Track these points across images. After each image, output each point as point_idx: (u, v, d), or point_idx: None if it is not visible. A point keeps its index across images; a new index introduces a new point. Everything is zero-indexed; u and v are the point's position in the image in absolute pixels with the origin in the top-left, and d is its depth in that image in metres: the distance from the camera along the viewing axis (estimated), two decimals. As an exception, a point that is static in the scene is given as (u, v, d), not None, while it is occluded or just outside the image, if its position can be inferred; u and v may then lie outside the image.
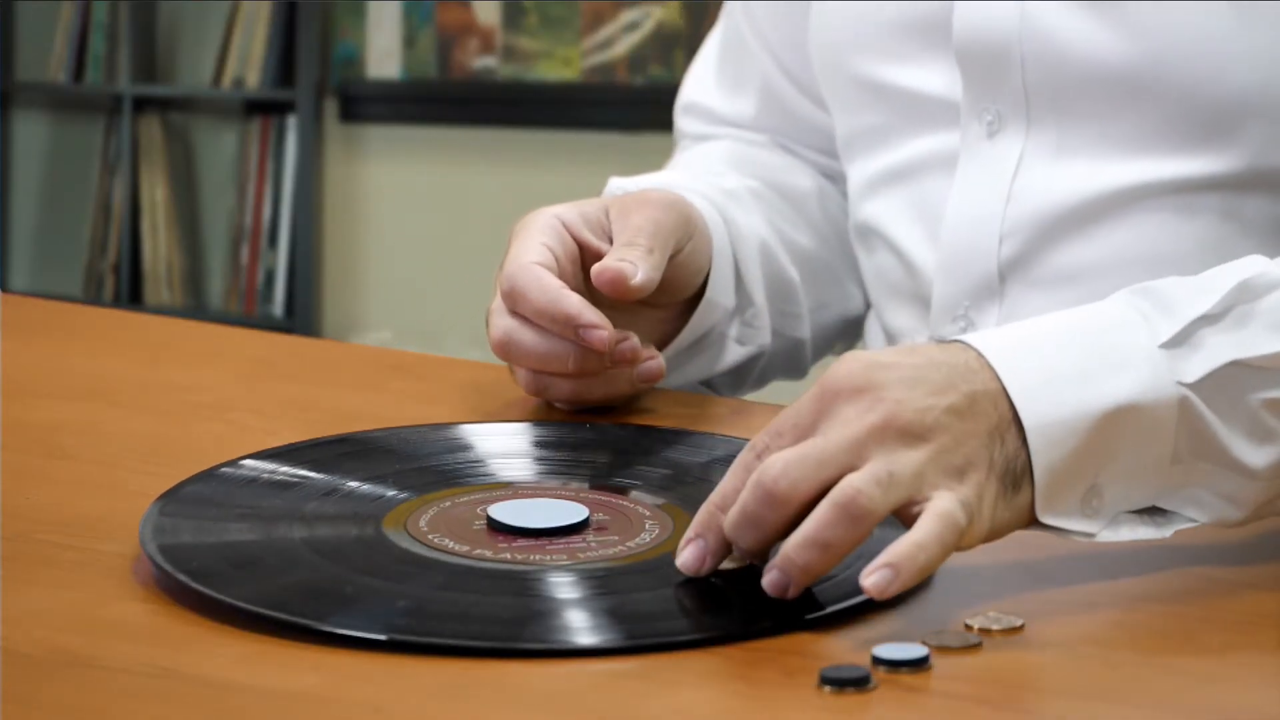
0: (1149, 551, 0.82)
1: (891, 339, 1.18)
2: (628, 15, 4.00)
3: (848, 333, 1.28)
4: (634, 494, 0.85)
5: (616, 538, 0.80)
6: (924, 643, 0.70)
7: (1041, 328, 0.82)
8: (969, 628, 0.72)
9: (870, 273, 1.20)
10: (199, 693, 0.67)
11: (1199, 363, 0.80)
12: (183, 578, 0.74)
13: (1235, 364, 0.80)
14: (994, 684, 0.69)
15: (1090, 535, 0.80)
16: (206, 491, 0.84)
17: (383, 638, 0.70)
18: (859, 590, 0.72)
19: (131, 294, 4.33)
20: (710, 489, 0.84)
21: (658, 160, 1.37)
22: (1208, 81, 1.03)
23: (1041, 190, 1.09)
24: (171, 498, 0.83)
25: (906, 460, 0.74)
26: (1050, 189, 1.09)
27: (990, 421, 0.77)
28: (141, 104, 4.30)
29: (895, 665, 0.68)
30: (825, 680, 0.67)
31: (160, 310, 4.21)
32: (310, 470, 0.87)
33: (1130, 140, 1.06)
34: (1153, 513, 0.82)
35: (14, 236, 4.49)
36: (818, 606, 0.73)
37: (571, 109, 4.05)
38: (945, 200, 1.13)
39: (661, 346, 1.06)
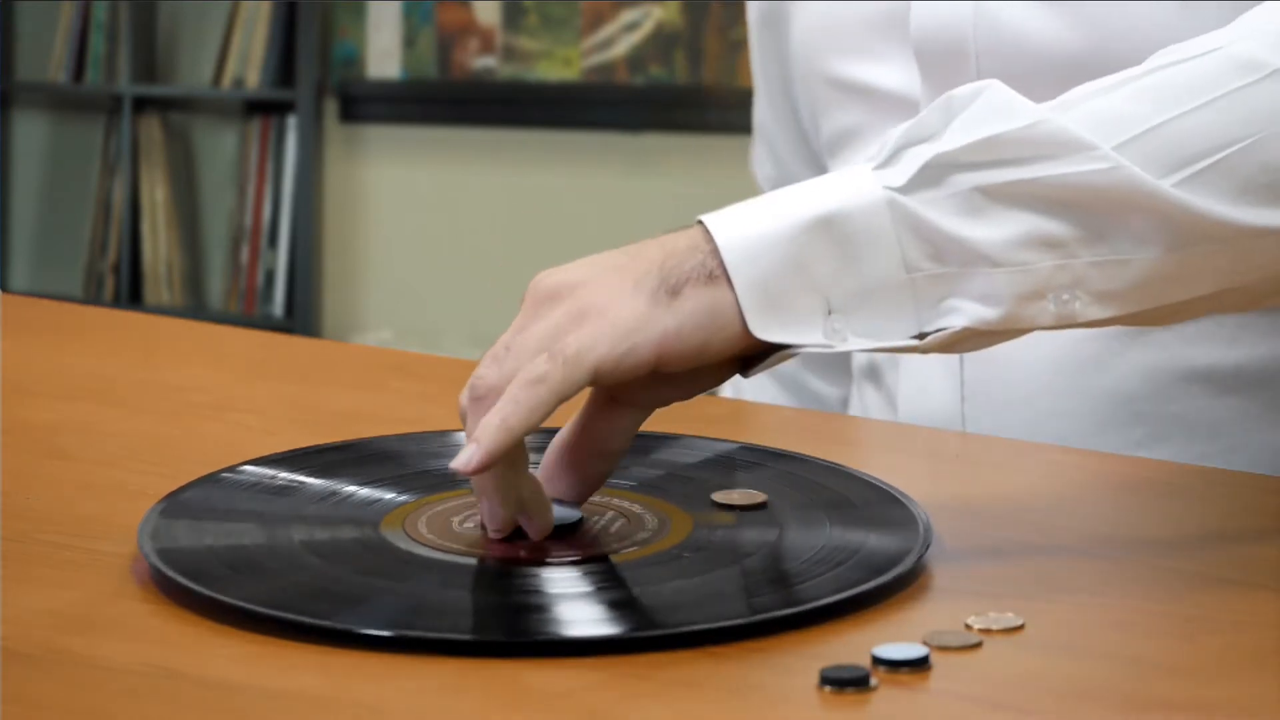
0: (1149, 552, 0.82)
1: None
2: (628, 15, 4.00)
3: None
4: (629, 494, 0.85)
5: (613, 536, 0.80)
6: (924, 643, 0.70)
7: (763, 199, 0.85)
8: (969, 628, 0.72)
9: None
10: (199, 693, 0.67)
11: (903, 169, 0.82)
12: (184, 581, 0.74)
13: (937, 159, 0.81)
14: (994, 684, 0.69)
15: (829, 347, 0.80)
16: (204, 497, 0.84)
17: (387, 634, 0.70)
18: (856, 584, 0.73)
19: (131, 294, 4.33)
20: (703, 487, 0.85)
21: (657, 160, 1.38)
22: None
23: None
24: (169, 503, 0.83)
25: (532, 331, 0.80)
26: None
27: (657, 252, 0.81)
28: (141, 104, 4.30)
29: (895, 665, 0.68)
30: (825, 680, 0.67)
31: (160, 310, 4.21)
32: (307, 475, 0.87)
33: None
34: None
35: (14, 236, 4.49)
36: (815, 597, 0.73)
37: (571, 109, 4.05)
38: None
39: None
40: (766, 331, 0.80)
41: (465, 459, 0.77)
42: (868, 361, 1.17)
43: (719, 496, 0.84)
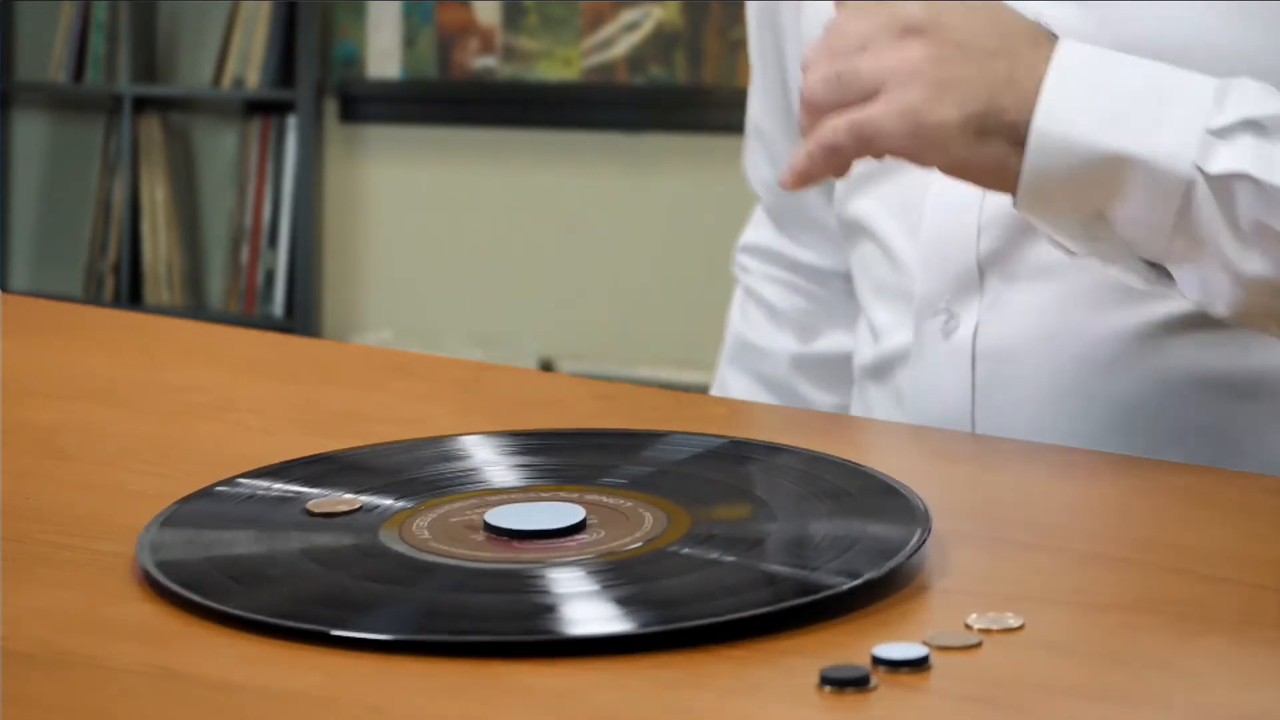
0: (1149, 552, 0.82)
1: (877, 336, 1.18)
2: (628, 15, 4.00)
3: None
4: (626, 492, 0.85)
5: (614, 535, 0.80)
6: (924, 643, 0.70)
7: (1124, 57, 0.94)
8: (969, 628, 0.72)
9: (857, 268, 1.21)
10: (199, 693, 0.67)
11: (1222, 160, 0.89)
12: (185, 593, 0.74)
13: (1249, 177, 0.88)
14: (994, 684, 0.69)
15: (1075, 255, 0.94)
16: (201, 510, 0.84)
17: (389, 638, 0.70)
18: (858, 573, 0.73)
19: (131, 294, 4.33)
20: (699, 484, 0.84)
21: (657, 160, 1.38)
22: None
23: None
24: (167, 517, 0.83)
25: (865, 66, 0.92)
26: None
27: (1004, 70, 0.92)
28: (141, 104, 4.30)
29: (895, 665, 0.68)
30: (825, 680, 0.67)
31: (160, 310, 4.20)
32: (303, 485, 0.86)
33: None
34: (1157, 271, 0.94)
35: (14, 236, 4.49)
36: (816, 591, 0.73)
37: (571, 109, 4.05)
38: (925, 194, 1.13)
39: None
40: (1030, 211, 0.94)
41: (793, 162, 0.94)
42: (873, 359, 1.17)
43: (313, 505, 0.84)
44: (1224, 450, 1.05)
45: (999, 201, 1.10)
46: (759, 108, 1.31)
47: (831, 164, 0.94)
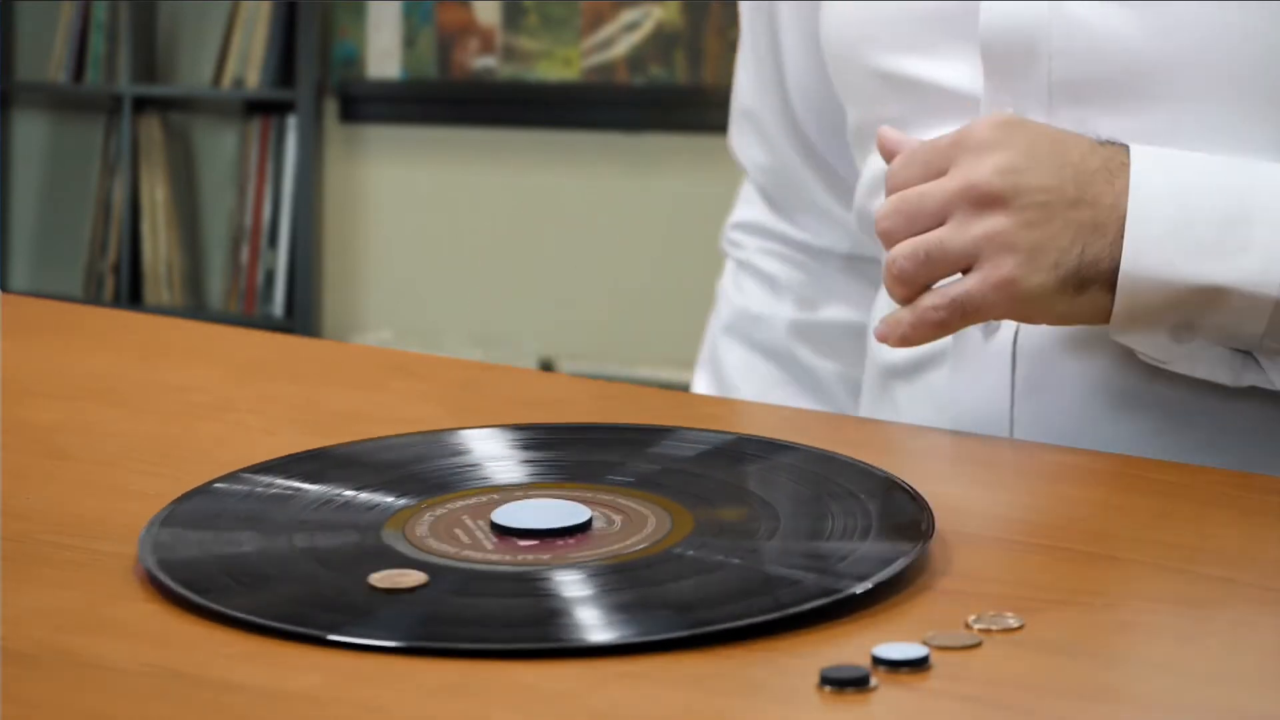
0: (1149, 552, 0.82)
1: None
2: (628, 15, 4.00)
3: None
4: (629, 492, 0.85)
5: (615, 536, 0.80)
6: (924, 643, 0.70)
7: (1203, 168, 0.97)
8: (969, 628, 0.72)
9: (881, 264, 1.20)
10: (199, 693, 0.67)
11: None
12: (187, 593, 0.74)
13: None
14: (994, 684, 0.68)
15: (1163, 363, 0.97)
16: (203, 507, 0.84)
17: (393, 645, 0.70)
18: (860, 578, 0.73)
19: (131, 294, 4.33)
20: (705, 483, 0.84)
21: (657, 160, 1.38)
22: (1246, 79, 1.02)
23: None
24: (168, 514, 0.83)
25: (953, 246, 0.95)
26: None
27: (1086, 219, 0.94)
28: (141, 104, 4.30)
29: (895, 665, 0.68)
30: (825, 680, 0.67)
31: (160, 310, 4.20)
32: (305, 482, 0.86)
33: (1158, 140, 1.05)
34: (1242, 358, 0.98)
35: (14, 236, 4.49)
36: (819, 596, 0.73)
37: (571, 109, 4.05)
38: None
39: None
40: (1122, 337, 0.98)
41: (893, 332, 0.98)
42: (903, 359, 1.15)
43: (376, 579, 0.77)
44: (1266, 453, 1.05)
45: None
46: (749, 87, 1.29)
47: (935, 336, 0.98)
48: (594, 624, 0.72)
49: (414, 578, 0.75)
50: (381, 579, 0.75)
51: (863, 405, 1.22)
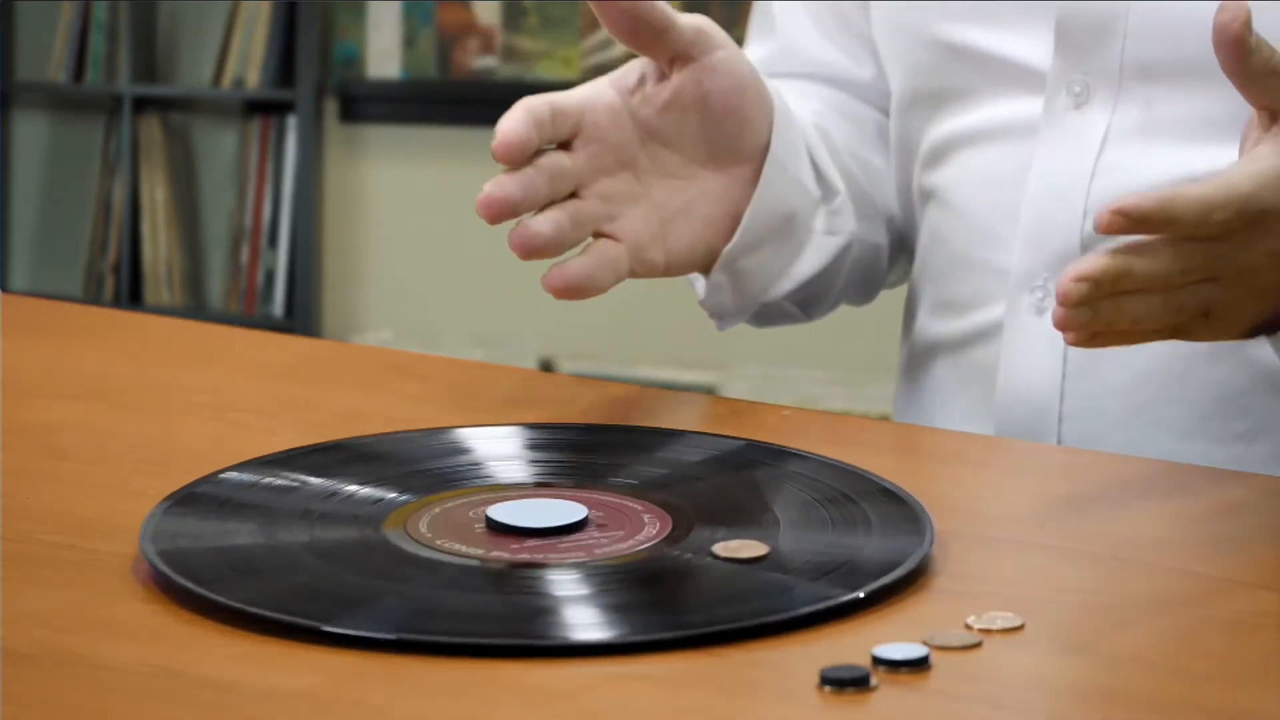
0: (1149, 552, 0.82)
1: (953, 310, 1.15)
2: (628, 15, 4.00)
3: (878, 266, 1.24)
4: (632, 493, 0.85)
5: (617, 536, 0.80)
6: (924, 643, 0.70)
7: None
8: (969, 628, 0.72)
9: (928, 237, 1.18)
10: (199, 693, 0.67)
11: None
12: (185, 582, 0.74)
13: None
14: (994, 684, 0.69)
15: None
16: (205, 498, 0.84)
17: (390, 637, 0.70)
18: (858, 586, 0.73)
19: (131, 294, 4.33)
20: (707, 487, 0.84)
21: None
22: None
23: (1129, 168, 1.07)
24: (170, 504, 0.83)
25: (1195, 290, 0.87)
26: (1138, 168, 1.07)
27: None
28: (141, 104, 4.30)
29: (895, 665, 0.68)
30: (825, 680, 0.67)
31: (160, 310, 4.21)
32: (308, 475, 0.87)
33: (1222, 124, 1.04)
34: None
35: (14, 236, 4.49)
36: (818, 600, 0.73)
37: (571, 109, 4.05)
38: (1022, 168, 1.10)
39: (733, 223, 1.06)
40: None
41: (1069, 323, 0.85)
42: (948, 335, 1.13)
43: (719, 549, 0.80)
44: None
45: (1107, 186, 1.07)
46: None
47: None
48: (594, 623, 0.72)
49: (756, 548, 0.77)
50: (723, 549, 0.77)
51: (900, 380, 1.20)
